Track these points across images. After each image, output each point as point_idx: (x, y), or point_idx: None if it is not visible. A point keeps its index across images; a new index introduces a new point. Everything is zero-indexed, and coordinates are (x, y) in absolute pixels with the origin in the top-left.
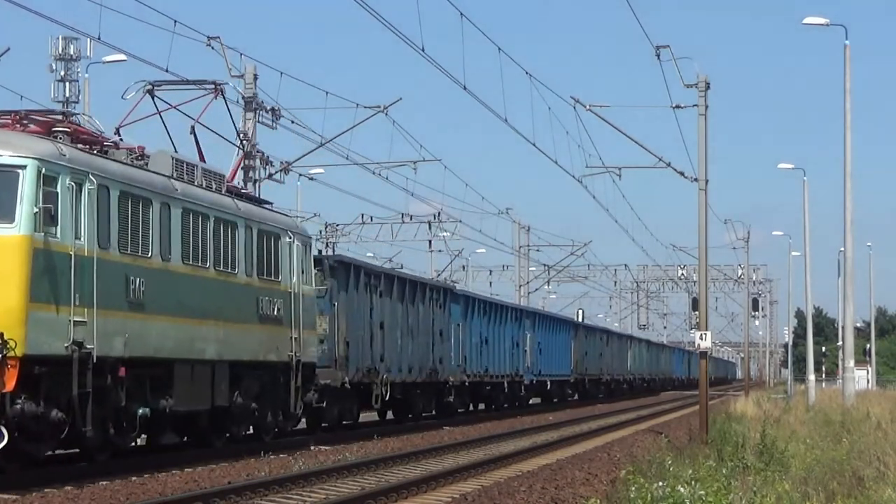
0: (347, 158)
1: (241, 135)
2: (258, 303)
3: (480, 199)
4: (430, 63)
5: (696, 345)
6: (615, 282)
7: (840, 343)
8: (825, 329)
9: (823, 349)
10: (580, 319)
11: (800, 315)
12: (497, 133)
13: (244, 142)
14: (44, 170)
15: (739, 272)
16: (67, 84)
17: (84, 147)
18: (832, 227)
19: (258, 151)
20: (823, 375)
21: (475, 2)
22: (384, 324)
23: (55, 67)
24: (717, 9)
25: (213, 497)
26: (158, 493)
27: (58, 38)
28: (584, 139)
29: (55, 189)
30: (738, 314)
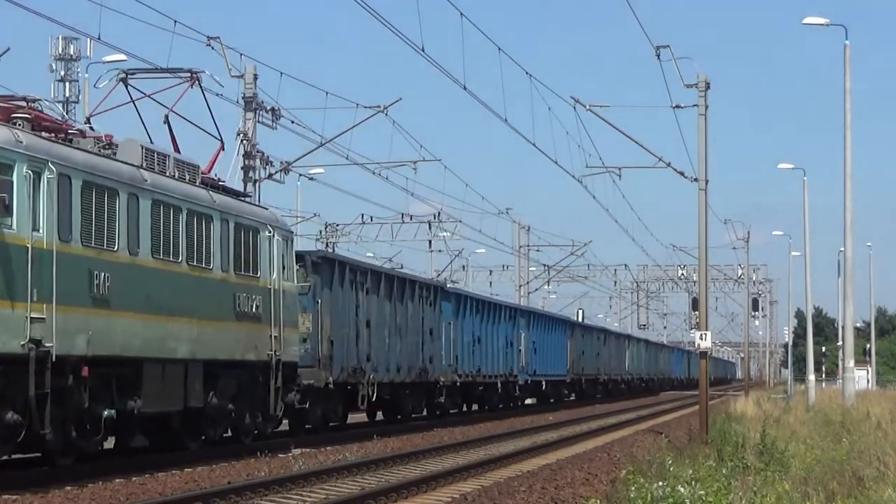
0: (347, 158)
1: (241, 134)
2: (235, 299)
3: (480, 199)
4: (430, 63)
5: (696, 345)
6: (615, 282)
7: (840, 343)
8: (825, 329)
9: (823, 349)
10: (580, 319)
11: (800, 315)
12: (497, 133)
13: (244, 141)
14: None
15: (739, 272)
16: (67, 84)
17: (47, 135)
18: (832, 227)
19: (258, 151)
20: (823, 375)
21: (475, 2)
22: (371, 322)
23: (55, 67)
24: (717, 9)
25: (213, 497)
26: (158, 493)
27: (58, 38)
28: (584, 139)
29: (10, 178)
30: (738, 314)
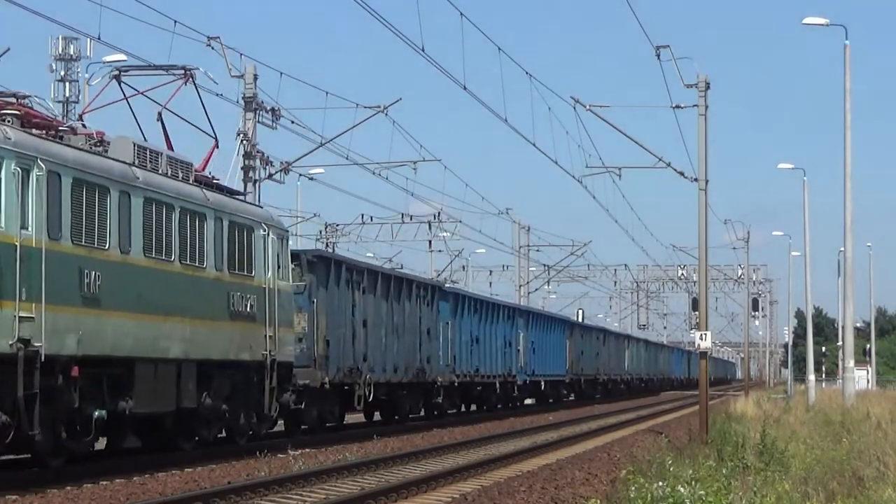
0: (347, 158)
1: (241, 135)
2: (229, 298)
3: (480, 199)
4: (430, 63)
5: (696, 345)
6: (615, 282)
7: (840, 343)
8: (825, 329)
9: (823, 349)
10: (580, 319)
11: (800, 315)
12: (497, 133)
13: (244, 141)
14: None
15: (739, 272)
16: (67, 84)
17: (37, 132)
18: (832, 227)
19: (258, 151)
20: (823, 375)
21: (475, 2)
22: (367, 321)
23: (55, 67)
24: (717, 9)
25: (213, 497)
26: (158, 493)
27: (58, 38)
28: (584, 139)
29: None
30: (738, 314)
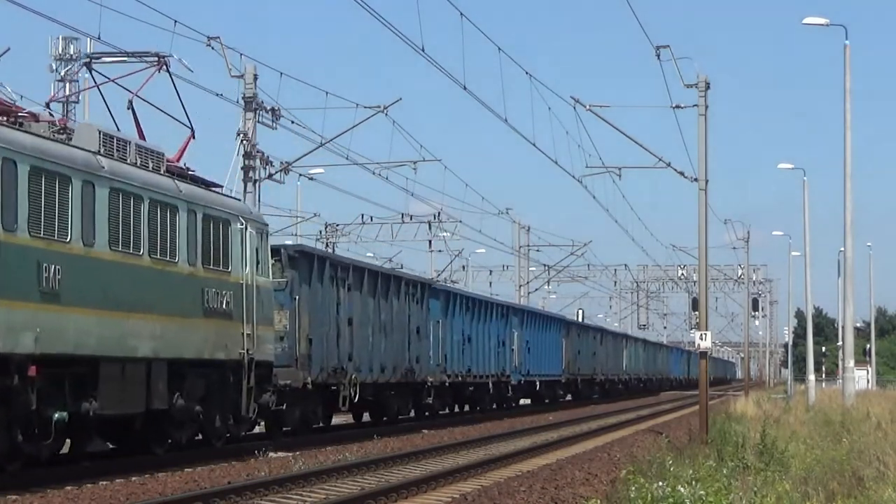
0: (347, 158)
1: (241, 134)
2: (203, 295)
3: (480, 199)
4: (430, 63)
5: (696, 345)
6: (615, 282)
7: (840, 343)
8: (825, 329)
9: (823, 349)
10: (580, 319)
11: (800, 315)
12: (497, 133)
13: (244, 141)
14: None
15: (739, 272)
16: (67, 84)
17: None
18: (832, 227)
19: (258, 151)
20: (823, 375)
21: (475, 2)
22: (353, 320)
23: (55, 67)
24: (717, 9)
25: (213, 497)
26: (158, 493)
27: (58, 38)
28: (584, 139)
29: None
30: (738, 314)
